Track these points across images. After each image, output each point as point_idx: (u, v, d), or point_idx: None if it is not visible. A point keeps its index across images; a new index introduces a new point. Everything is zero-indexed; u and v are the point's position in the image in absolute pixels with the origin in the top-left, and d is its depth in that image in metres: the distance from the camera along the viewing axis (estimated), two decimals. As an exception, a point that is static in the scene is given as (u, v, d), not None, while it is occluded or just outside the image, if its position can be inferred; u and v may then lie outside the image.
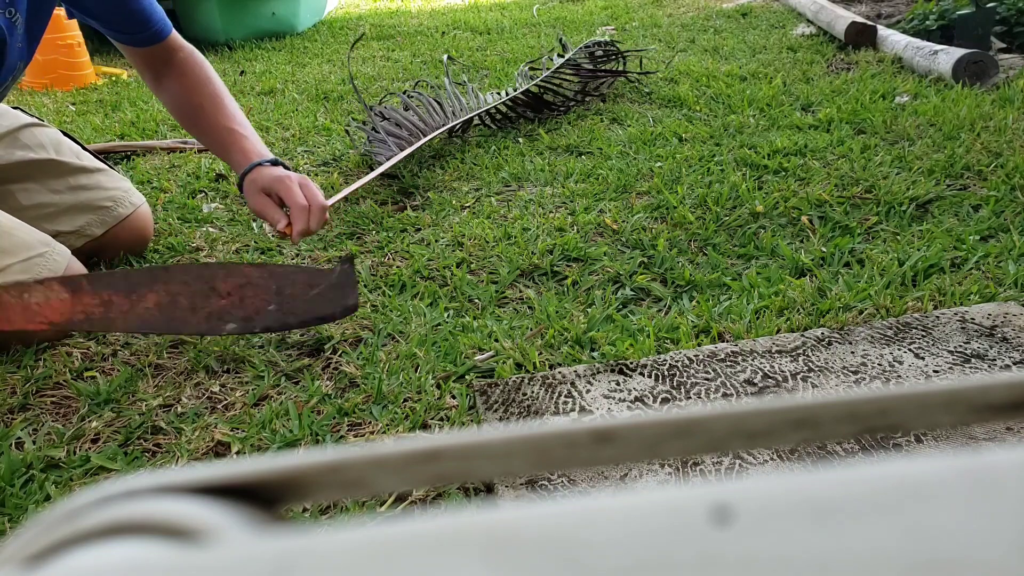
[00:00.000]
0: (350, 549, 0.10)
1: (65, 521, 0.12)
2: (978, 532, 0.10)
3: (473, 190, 1.43)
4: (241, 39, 3.06)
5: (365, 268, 1.14)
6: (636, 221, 1.24)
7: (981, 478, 0.10)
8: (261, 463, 0.13)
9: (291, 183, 1.03)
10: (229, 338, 0.97)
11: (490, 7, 3.68)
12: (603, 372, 0.86)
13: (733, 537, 0.10)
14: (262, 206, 1.04)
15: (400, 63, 2.55)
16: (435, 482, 0.13)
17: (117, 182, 1.23)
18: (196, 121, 1.16)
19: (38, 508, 0.71)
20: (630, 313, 0.99)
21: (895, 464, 0.11)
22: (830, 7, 2.52)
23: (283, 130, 1.85)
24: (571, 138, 1.67)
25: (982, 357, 0.85)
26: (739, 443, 0.13)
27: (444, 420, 0.81)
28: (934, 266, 1.04)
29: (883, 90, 1.82)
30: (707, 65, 2.20)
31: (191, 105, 1.15)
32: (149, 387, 0.89)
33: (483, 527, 0.10)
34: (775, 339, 0.90)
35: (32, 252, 0.96)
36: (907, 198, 1.25)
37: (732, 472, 0.70)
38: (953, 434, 0.72)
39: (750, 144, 1.55)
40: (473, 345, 0.92)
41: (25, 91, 2.46)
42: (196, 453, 0.78)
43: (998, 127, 1.51)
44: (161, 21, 1.14)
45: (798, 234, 1.18)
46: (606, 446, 0.13)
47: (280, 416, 0.82)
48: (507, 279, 1.09)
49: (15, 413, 0.86)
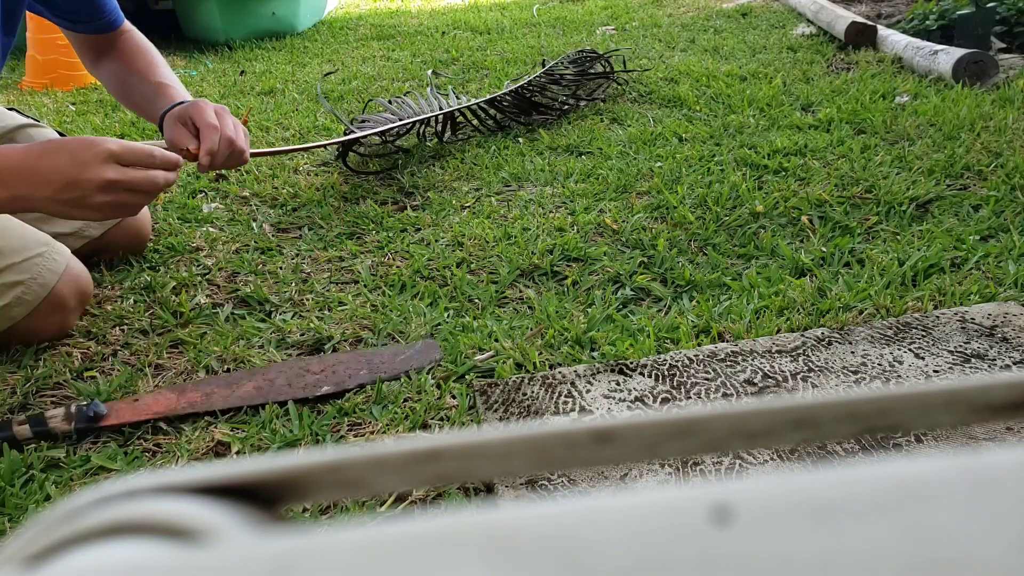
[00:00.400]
0: (350, 549, 0.10)
1: (65, 521, 0.12)
2: (978, 532, 0.10)
3: (473, 190, 1.43)
4: (241, 39, 3.06)
5: (365, 268, 1.14)
6: (636, 221, 1.24)
7: (981, 478, 0.10)
8: (261, 463, 0.13)
9: (205, 106, 1.03)
10: (229, 338, 0.97)
11: (490, 7, 3.68)
12: (603, 372, 0.86)
13: (733, 537, 0.10)
14: (176, 135, 1.02)
15: (400, 63, 2.55)
16: (435, 482, 0.13)
17: None
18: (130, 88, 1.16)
19: (38, 508, 0.71)
20: (630, 313, 0.99)
21: (895, 464, 0.11)
22: (830, 7, 2.52)
23: (283, 130, 1.85)
24: (571, 138, 1.67)
25: (982, 357, 0.85)
26: (739, 443, 0.13)
27: (444, 420, 0.81)
28: (934, 266, 1.04)
29: (883, 90, 1.82)
30: (707, 65, 2.20)
31: (127, 72, 1.16)
32: (149, 387, 0.89)
33: (483, 527, 0.10)
34: (775, 339, 0.90)
35: (31, 252, 0.95)
36: (907, 198, 1.25)
37: (732, 472, 0.70)
38: (953, 434, 0.72)
39: (750, 144, 1.55)
40: (473, 345, 0.92)
41: (25, 91, 2.46)
42: (196, 453, 0.78)
43: (998, 127, 1.51)
44: (115, 11, 1.16)
45: (798, 234, 1.18)
46: (606, 446, 0.13)
47: (280, 416, 0.82)
48: (507, 279, 1.09)
49: (15, 413, 0.86)
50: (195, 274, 1.15)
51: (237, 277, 1.15)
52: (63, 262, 0.98)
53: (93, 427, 0.80)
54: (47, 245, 0.98)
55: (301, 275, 1.14)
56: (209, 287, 1.12)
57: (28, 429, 0.79)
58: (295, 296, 1.08)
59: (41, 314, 0.95)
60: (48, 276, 0.95)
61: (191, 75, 2.54)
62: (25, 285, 0.93)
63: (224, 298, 1.09)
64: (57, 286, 0.96)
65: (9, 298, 0.92)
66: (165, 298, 1.08)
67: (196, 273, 1.15)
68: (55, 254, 0.98)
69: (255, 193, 1.46)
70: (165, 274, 1.16)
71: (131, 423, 0.81)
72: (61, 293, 0.96)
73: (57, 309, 0.97)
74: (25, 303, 0.93)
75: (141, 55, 1.18)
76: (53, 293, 0.95)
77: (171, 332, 1.00)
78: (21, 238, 0.96)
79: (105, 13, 1.14)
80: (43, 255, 0.96)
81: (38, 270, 0.95)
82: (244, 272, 1.16)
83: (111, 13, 1.15)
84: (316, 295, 1.07)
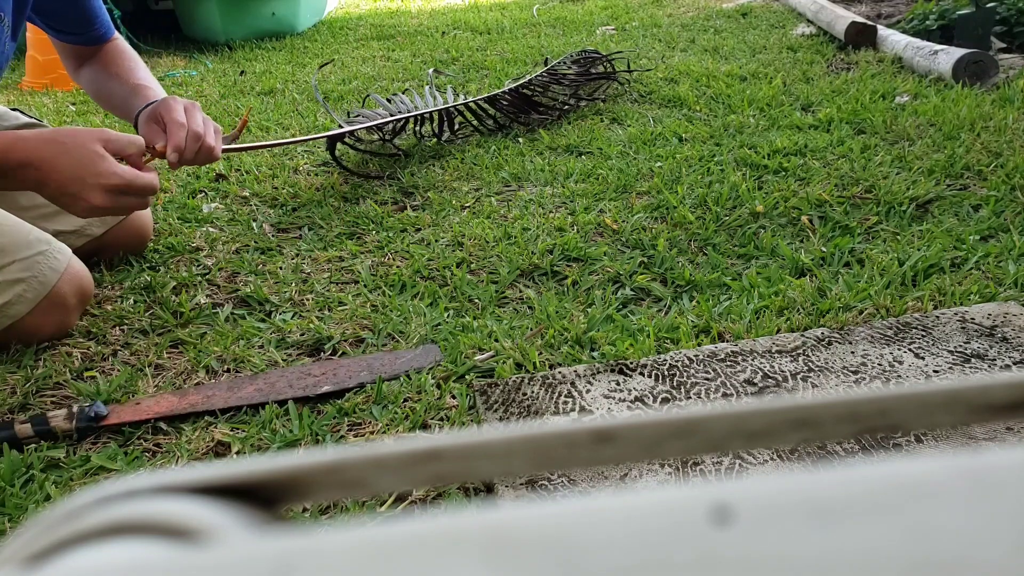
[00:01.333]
0: (350, 549, 0.10)
1: (65, 521, 0.12)
2: (978, 532, 0.10)
3: (473, 190, 1.43)
4: (241, 39, 3.06)
5: (365, 268, 1.14)
6: (636, 221, 1.24)
7: (981, 478, 0.10)
8: (261, 463, 0.13)
9: (174, 103, 1.03)
10: (229, 338, 0.97)
11: (490, 7, 3.68)
12: (603, 372, 0.86)
13: (733, 537, 0.10)
14: (148, 133, 1.03)
15: (400, 63, 2.55)
16: (435, 482, 0.13)
17: None
18: (108, 91, 1.17)
19: (38, 508, 0.71)
20: (630, 313, 0.99)
21: (895, 464, 0.11)
22: (830, 7, 2.52)
23: (283, 130, 1.85)
24: (571, 138, 1.67)
25: (982, 357, 0.85)
26: (739, 443, 0.13)
27: (444, 420, 0.81)
28: (934, 266, 1.04)
29: (883, 90, 1.82)
30: (707, 65, 2.20)
31: (107, 75, 1.17)
32: (149, 387, 0.89)
33: (483, 527, 0.10)
34: (775, 339, 0.90)
35: (32, 250, 0.96)
36: (907, 198, 1.25)
37: (732, 472, 0.70)
38: (953, 434, 0.72)
39: (750, 144, 1.55)
40: (473, 345, 0.92)
41: (26, 91, 2.47)
42: (196, 453, 0.78)
43: (998, 127, 1.51)
44: (105, 24, 1.17)
45: (798, 234, 1.18)
46: (606, 446, 0.13)
47: (280, 416, 0.82)
48: (507, 279, 1.09)
49: (15, 413, 0.86)
50: (195, 274, 1.15)
51: (237, 277, 1.15)
52: (64, 261, 0.98)
53: (94, 427, 0.80)
54: (48, 243, 0.98)
55: (301, 275, 1.14)
56: (209, 287, 1.12)
57: (30, 428, 0.79)
58: (295, 296, 1.08)
59: (41, 312, 0.95)
60: (49, 274, 0.95)
61: (191, 75, 2.54)
62: (26, 283, 0.93)
63: (224, 298, 1.09)
64: (58, 284, 0.96)
65: (10, 295, 0.92)
66: (165, 298, 1.08)
67: (196, 273, 1.15)
68: (56, 252, 0.98)
69: (255, 193, 1.46)
70: (165, 274, 1.16)
71: (131, 423, 0.82)
72: (62, 291, 0.96)
73: (57, 308, 0.97)
74: (25, 301, 0.94)
75: (122, 59, 1.19)
76: (54, 291, 0.95)
77: (171, 332, 1.00)
78: (23, 236, 0.96)
79: (96, 27, 1.15)
80: (44, 253, 0.97)
81: (39, 268, 0.95)
82: (244, 272, 1.16)
83: (102, 27, 1.16)
84: (316, 295, 1.07)
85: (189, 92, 2.27)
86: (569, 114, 1.85)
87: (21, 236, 0.96)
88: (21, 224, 0.98)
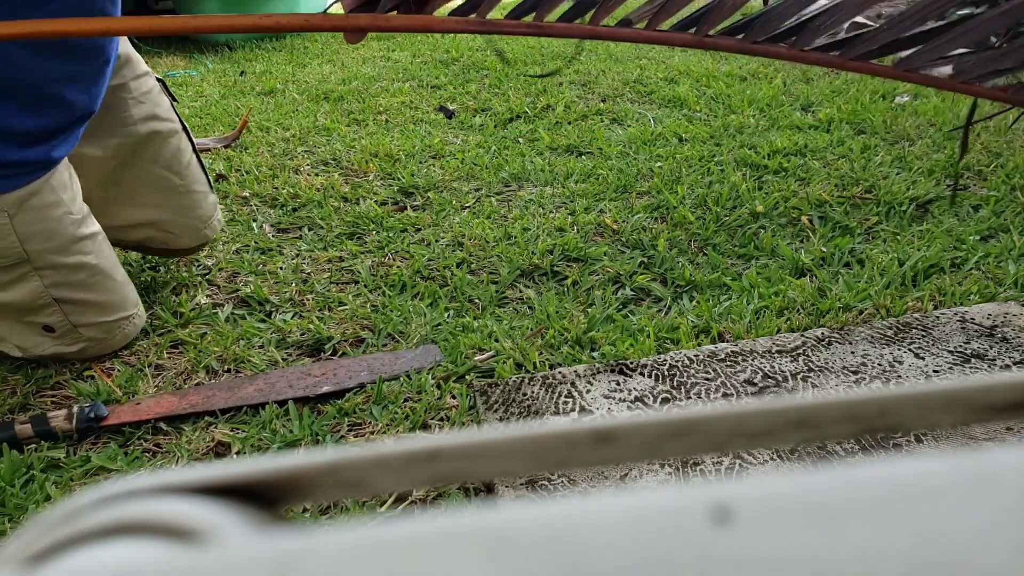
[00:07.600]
0: (350, 549, 0.10)
1: (65, 521, 0.12)
2: (978, 532, 0.10)
3: (473, 190, 1.43)
4: (241, 39, 3.06)
5: (365, 268, 1.14)
6: (636, 221, 1.24)
7: (981, 478, 0.10)
8: (261, 463, 0.13)
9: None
10: (229, 338, 0.97)
11: (490, 7, 3.68)
12: (603, 372, 0.86)
13: (733, 537, 0.10)
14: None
15: (400, 63, 2.55)
16: (435, 482, 0.13)
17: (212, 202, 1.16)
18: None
19: (38, 508, 0.71)
20: (630, 313, 0.99)
21: (895, 464, 0.11)
22: (830, 7, 2.52)
23: (283, 130, 1.85)
24: (571, 138, 1.67)
25: (982, 357, 0.85)
26: (739, 443, 0.13)
27: (444, 420, 0.81)
28: (934, 266, 1.04)
29: (883, 90, 1.82)
30: (707, 65, 2.20)
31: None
32: (149, 387, 0.89)
33: (483, 527, 0.10)
34: (775, 339, 0.90)
35: (122, 314, 0.94)
36: (907, 198, 1.25)
37: (732, 472, 0.70)
38: (953, 434, 0.72)
39: (750, 144, 1.55)
40: (473, 345, 0.92)
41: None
42: (196, 453, 0.78)
43: (998, 127, 1.51)
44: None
45: (798, 234, 1.18)
46: (606, 446, 0.13)
47: (280, 416, 0.82)
48: (507, 279, 1.09)
49: (15, 413, 0.86)
50: (195, 274, 1.15)
51: (237, 277, 1.15)
52: (135, 332, 0.97)
53: (94, 427, 0.80)
54: (136, 307, 0.97)
55: (301, 275, 1.14)
56: (209, 287, 1.12)
57: (30, 428, 0.79)
58: (295, 296, 1.08)
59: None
60: (119, 340, 0.95)
61: (191, 75, 2.54)
62: (100, 343, 0.93)
63: (224, 298, 1.09)
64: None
65: (80, 345, 0.92)
66: (165, 298, 1.08)
67: (196, 273, 1.15)
68: (136, 319, 0.97)
69: (255, 193, 1.46)
70: (165, 274, 1.16)
71: (131, 423, 0.81)
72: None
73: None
74: (86, 353, 0.93)
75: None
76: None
77: (171, 332, 1.00)
78: (123, 298, 0.95)
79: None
80: (130, 319, 0.96)
81: (115, 333, 0.94)
82: (244, 272, 1.16)
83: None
84: (316, 295, 1.07)
85: (189, 92, 2.27)
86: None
87: (122, 298, 0.95)
88: (127, 283, 0.96)
